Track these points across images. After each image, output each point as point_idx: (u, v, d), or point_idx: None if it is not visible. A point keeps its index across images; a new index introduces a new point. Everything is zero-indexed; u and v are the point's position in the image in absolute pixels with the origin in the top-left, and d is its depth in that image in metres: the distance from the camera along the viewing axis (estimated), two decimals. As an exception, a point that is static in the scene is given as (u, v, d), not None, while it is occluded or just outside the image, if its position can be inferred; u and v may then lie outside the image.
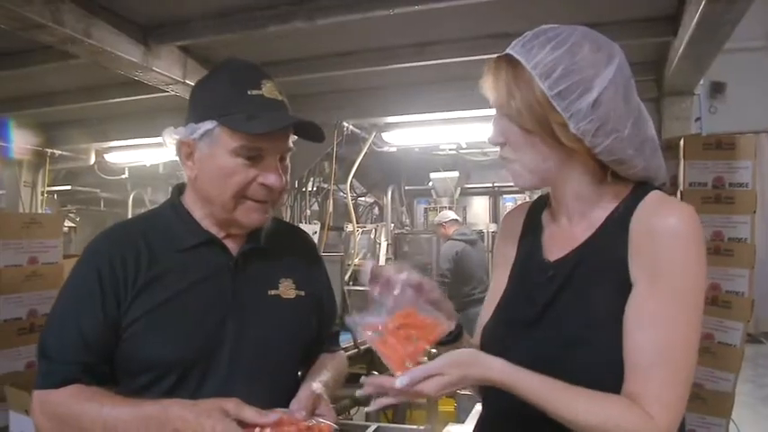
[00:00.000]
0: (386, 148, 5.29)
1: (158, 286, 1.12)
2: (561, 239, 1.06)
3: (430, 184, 7.19)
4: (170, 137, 1.21)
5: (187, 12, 2.98)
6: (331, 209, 5.47)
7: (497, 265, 1.21)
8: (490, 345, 1.08)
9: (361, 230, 6.37)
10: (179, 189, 1.25)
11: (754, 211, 2.47)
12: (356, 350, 3.00)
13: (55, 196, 7.51)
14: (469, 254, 5.75)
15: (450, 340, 1.16)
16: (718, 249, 2.47)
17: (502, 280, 1.16)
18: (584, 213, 1.02)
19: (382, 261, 6.26)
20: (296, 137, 1.22)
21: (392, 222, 6.98)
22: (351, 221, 5.40)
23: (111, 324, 1.10)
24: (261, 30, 2.83)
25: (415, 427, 2.56)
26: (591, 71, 0.93)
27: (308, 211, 5.07)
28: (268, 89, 1.16)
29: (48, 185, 6.38)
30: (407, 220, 7.95)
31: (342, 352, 1.43)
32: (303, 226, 4.67)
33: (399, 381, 0.87)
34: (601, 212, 1.01)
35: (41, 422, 1.10)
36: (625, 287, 0.94)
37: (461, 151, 6.12)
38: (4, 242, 2.34)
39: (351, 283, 5.40)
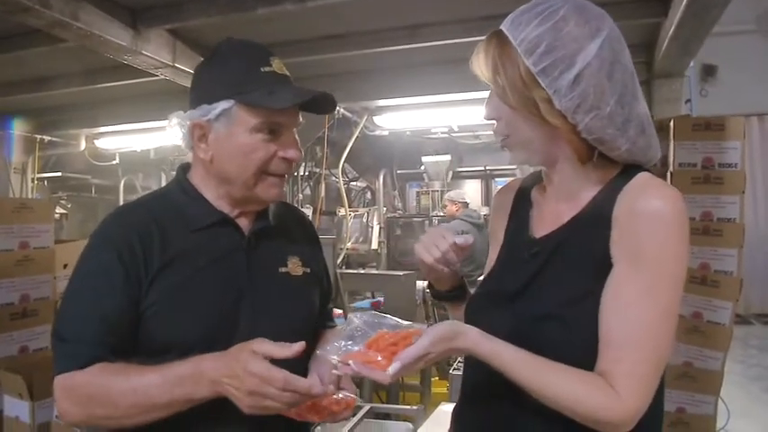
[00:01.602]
0: (377, 132, 5.28)
1: (175, 267, 1.12)
2: (548, 217, 1.06)
3: (422, 167, 7.19)
4: (180, 120, 1.18)
5: (176, -7, 2.96)
6: (323, 193, 5.47)
7: (491, 244, 1.23)
8: (474, 315, 1.09)
9: (353, 214, 6.38)
10: (184, 169, 1.25)
11: (743, 192, 2.49)
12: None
13: (45, 183, 7.46)
14: (474, 237, 5.71)
15: (458, 296, 1.22)
16: (707, 229, 2.49)
17: (493, 258, 1.18)
18: (571, 193, 1.02)
19: (375, 245, 6.28)
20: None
21: (384, 206, 6.98)
22: (343, 206, 5.41)
23: (134, 305, 1.10)
24: (250, 12, 2.82)
25: (408, 407, 2.59)
26: (574, 46, 0.92)
27: (301, 196, 5.08)
28: (278, 65, 1.17)
29: (38, 172, 6.35)
30: (400, 204, 7.97)
31: (339, 327, 1.45)
32: (296, 210, 4.67)
33: (392, 368, 0.88)
34: (588, 193, 1.01)
35: (66, 407, 1.08)
36: (605, 267, 0.94)
37: (453, 134, 6.11)
38: (-6, 227, 2.33)
39: (343, 266, 5.42)
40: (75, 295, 1.13)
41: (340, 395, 1.08)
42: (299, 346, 0.99)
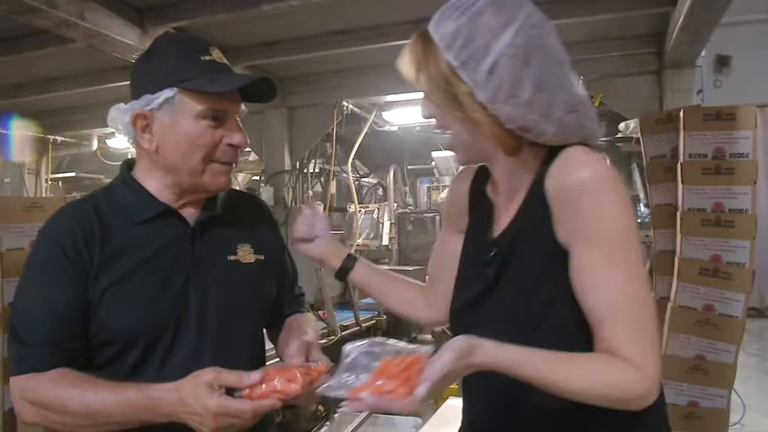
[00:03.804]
0: (387, 128, 5.28)
1: (119, 260, 1.13)
2: (501, 215, 1.06)
3: (432, 163, 7.15)
4: (120, 112, 1.17)
5: (181, -8, 2.98)
6: (334, 190, 5.46)
7: (447, 227, 1.23)
8: (457, 328, 1.09)
9: (363, 211, 6.37)
10: (128, 164, 1.25)
11: (755, 182, 2.45)
12: (358, 328, 3.01)
13: (60, 183, 7.55)
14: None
15: (351, 266, 1.32)
16: (719, 220, 2.45)
17: (450, 245, 1.18)
18: (512, 186, 1.03)
19: (386, 241, 6.27)
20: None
21: (395, 202, 6.97)
22: (353, 202, 5.41)
23: (81, 300, 1.10)
24: (254, 9, 2.82)
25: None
26: (489, 36, 0.92)
27: (311, 192, 5.07)
28: (217, 54, 1.18)
29: (51, 172, 6.42)
30: (411, 200, 7.95)
31: (309, 314, 1.44)
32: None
33: (420, 390, 0.82)
34: (525, 183, 1.01)
35: (24, 407, 1.09)
36: (555, 250, 0.94)
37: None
38: (5, 226, 2.34)
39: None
40: (26, 293, 1.14)
41: (312, 365, 1.08)
42: (257, 375, 1.00)
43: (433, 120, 1.02)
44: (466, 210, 1.16)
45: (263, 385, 1.00)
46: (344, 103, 4.51)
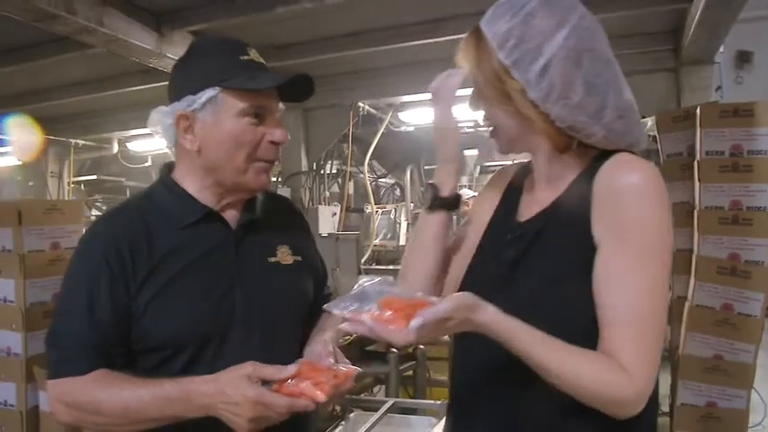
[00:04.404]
0: (403, 128, 5.28)
1: (164, 266, 1.14)
2: (533, 203, 1.07)
3: (450, 163, 7.10)
4: (162, 115, 1.19)
5: (197, -4, 3.02)
6: (352, 190, 5.48)
7: (471, 222, 1.21)
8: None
9: (380, 211, 6.38)
10: (168, 167, 1.27)
11: (774, 179, 2.42)
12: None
13: (82, 186, 7.67)
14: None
15: (456, 203, 1.13)
16: (737, 219, 2.41)
17: (469, 236, 1.17)
18: (552, 179, 1.04)
19: (402, 241, 6.28)
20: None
21: (412, 202, 6.97)
22: (370, 202, 5.43)
23: (124, 308, 1.12)
24: (269, 11, 2.85)
25: (432, 401, 2.58)
26: (541, 37, 0.94)
27: (328, 193, 5.10)
28: (255, 54, 1.20)
29: (74, 176, 6.54)
30: (428, 200, 7.92)
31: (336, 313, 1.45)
32: (322, 208, 4.71)
33: (414, 323, 0.83)
34: (568, 178, 1.02)
35: (60, 410, 1.12)
36: (587, 247, 0.94)
37: (480, 129, 6.06)
38: (27, 228, 2.40)
39: (373, 263, 5.43)
40: (67, 301, 1.16)
41: (341, 368, 1.08)
42: (293, 369, 1.02)
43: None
44: (497, 201, 1.17)
45: (293, 380, 1.02)
46: (360, 104, 4.52)
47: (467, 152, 6.85)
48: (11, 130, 5.10)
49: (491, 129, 1.05)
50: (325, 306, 0.95)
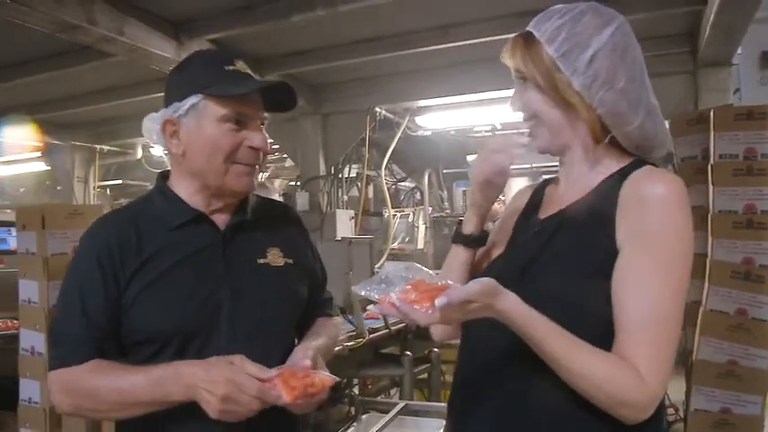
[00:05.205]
0: (420, 132, 5.30)
1: (152, 264, 1.20)
2: (555, 200, 1.11)
3: (468, 167, 7.09)
4: (152, 121, 1.25)
5: (215, 5, 3.08)
6: (371, 194, 5.50)
7: (496, 232, 1.23)
8: None
9: (398, 215, 6.40)
10: (163, 175, 1.32)
11: (790, 182, 2.39)
12: (387, 330, 3.04)
13: (108, 191, 7.83)
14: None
15: (481, 239, 1.18)
16: (751, 223, 2.38)
17: (496, 244, 1.20)
18: (580, 178, 1.07)
19: (420, 245, 6.29)
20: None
21: (431, 206, 6.98)
22: (387, 206, 5.46)
23: (113, 303, 1.18)
24: (285, 20, 2.90)
25: (442, 404, 2.60)
26: (589, 32, 1.01)
27: (346, 197, 5.14)
28: (241, 65, 1.25)
29: (99, 180, 6.68)
30: (447, 204, 7.94)
31: (337, 318, 1.48)
32: (339, 212, 4.75)
33: (439, 301, 0.85)
34: (595, 179, 1.05)
35: (61, 399, 1.18)
36: (608, 249, 0.96)
37: (497, 133, 6.06)
38: (50, 232, 2.48)
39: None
40: (64, 298, 1.23)
41: (317, 375, 1.12)
42: (273, 373, 1.09)
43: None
44: (517, 215, 1.20)
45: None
46: (377, 109, 4.56)
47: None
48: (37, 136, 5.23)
49: (532, 124, 1.08)
50: (353, 287, 1.00)
